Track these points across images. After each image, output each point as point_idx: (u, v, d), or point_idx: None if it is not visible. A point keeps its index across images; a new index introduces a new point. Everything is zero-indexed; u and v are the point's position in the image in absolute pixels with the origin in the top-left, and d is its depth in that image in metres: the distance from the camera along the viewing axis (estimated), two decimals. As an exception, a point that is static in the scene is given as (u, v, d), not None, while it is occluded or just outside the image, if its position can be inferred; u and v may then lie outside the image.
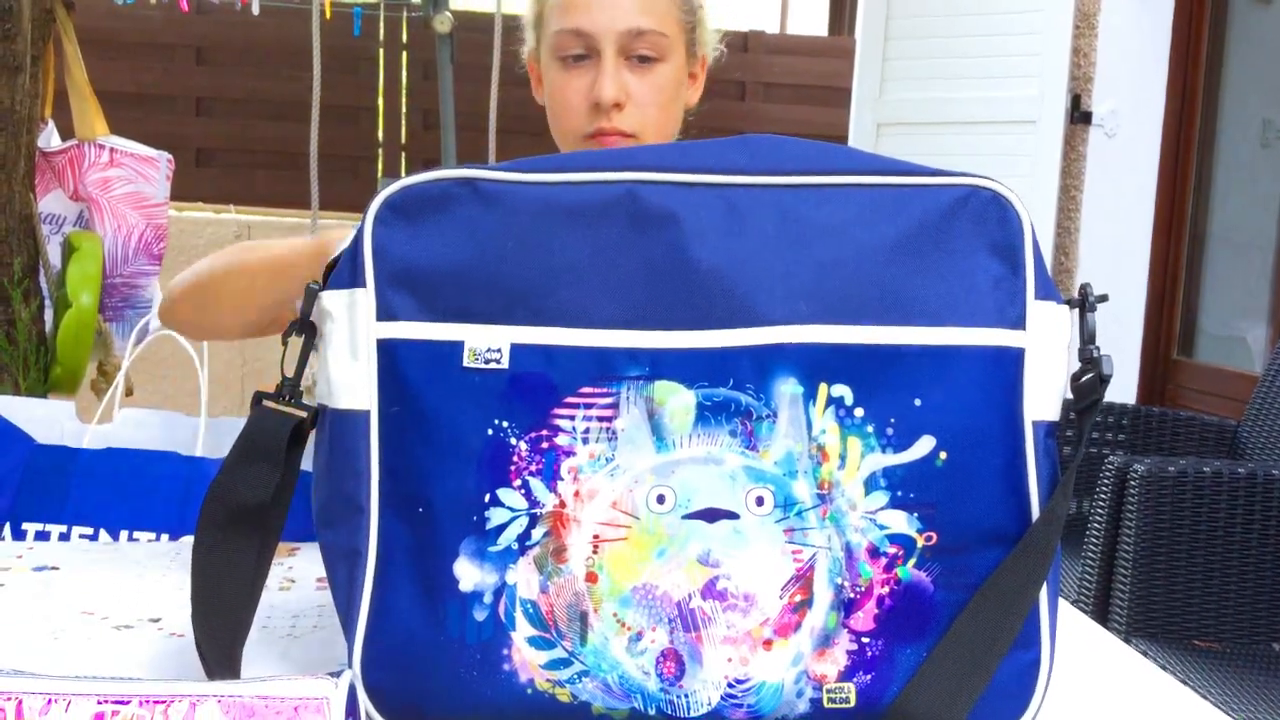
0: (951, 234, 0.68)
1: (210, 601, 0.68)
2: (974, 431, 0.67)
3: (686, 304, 0.66)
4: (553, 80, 1.14)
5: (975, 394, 0.67)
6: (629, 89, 1.11)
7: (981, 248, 0.68)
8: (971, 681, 0.65)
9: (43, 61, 1.94)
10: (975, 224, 0.68)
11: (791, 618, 0.66)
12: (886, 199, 0.69)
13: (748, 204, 0.68)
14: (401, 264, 0.68)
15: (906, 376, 0.66)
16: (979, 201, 0.69)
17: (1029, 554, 0.66)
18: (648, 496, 0.66)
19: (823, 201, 0.68)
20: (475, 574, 0.66)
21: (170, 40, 5.40)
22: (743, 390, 0.66)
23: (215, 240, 4.21)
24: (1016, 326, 0.68)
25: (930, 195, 0.69)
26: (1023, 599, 0.66)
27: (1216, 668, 1.90)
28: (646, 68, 1.12)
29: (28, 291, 1.88)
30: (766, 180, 0.69)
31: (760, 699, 0.66)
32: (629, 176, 0.68)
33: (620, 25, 1.10)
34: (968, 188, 0.69)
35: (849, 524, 0.66)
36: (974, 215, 0.68)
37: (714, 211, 0.68)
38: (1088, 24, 3.57)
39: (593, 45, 1.10)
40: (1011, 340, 0.68)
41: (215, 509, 0.69)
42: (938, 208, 0.68)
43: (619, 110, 1.10)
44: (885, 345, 0.66)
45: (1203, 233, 3.60)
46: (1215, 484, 2.02)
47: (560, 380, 0.66)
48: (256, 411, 0.71)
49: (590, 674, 0.65)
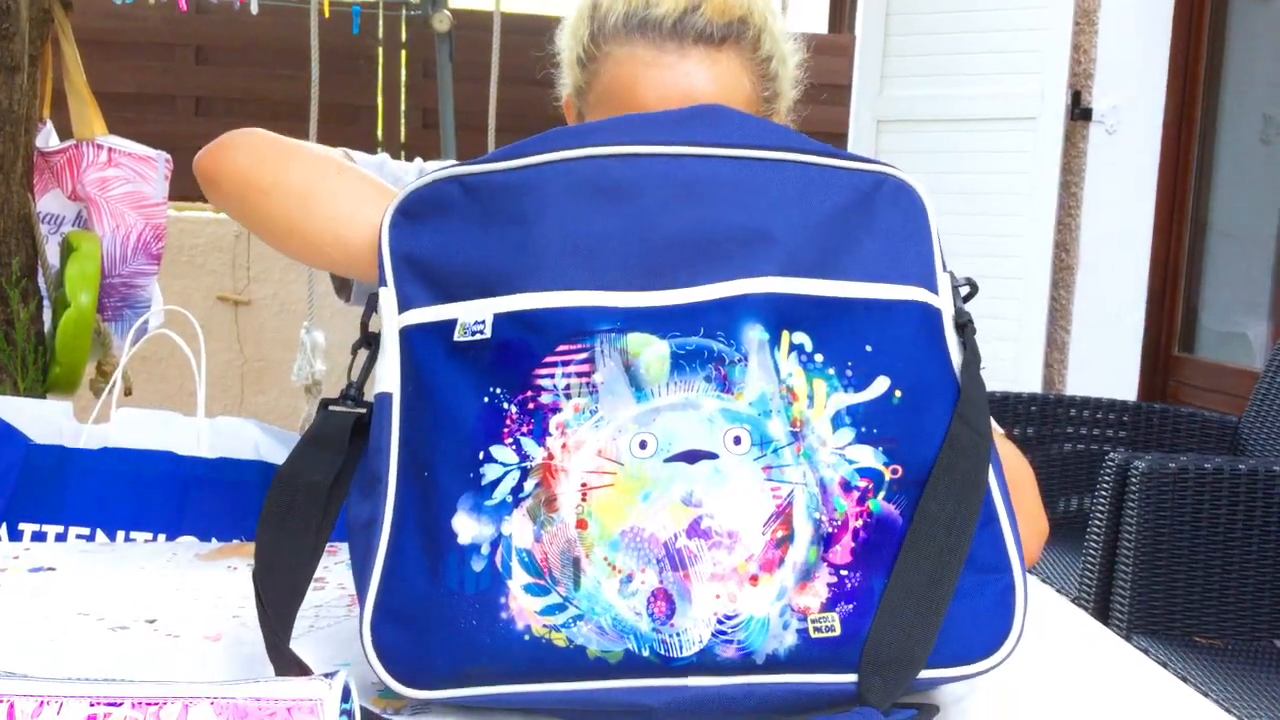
0: (874, 209, 0.75)
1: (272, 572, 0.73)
2: (918, 374, 0.73)
3: (652, 266, 0.71)
4: None
5: (914, 341, 0.73)
6: None
7: (897, 222, 0.75)
8: (926, 610, 0.69)
9: (41, 61, 1.94)
10: (891, 204, 0.76)
11: (775, 553, 0.69)
12: (820, 177, 0.75)
13: (704, 173, 0.74)
14: (410, 259, 0.75)
15: (855, 325, 0.72)
16: (890, 186, 0.76)
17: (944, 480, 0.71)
18: (631, 443, 0.69)
19: (772, 172, 0.74)
20: (473, 527, 0.69)
21: (169, 40, 5.39)
22: (714, 338, 0.70)
23: (214, 240, 4.21)
24: (932, 290, 0.75)
25: (857, 176, 0.76)
26: (956, 524, 0.70)
27: (1218, 664, 1.89)
28: None
29: (26, 291, 1.88)
30: (719, 151, 0.74)
31: (750, 634, 0.68)
32: (592, 152, 0.74)
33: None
34: (879, 174, 0.76)
35: (821, 460, 0.70)
36: (888, 197, 0.76)
37: (673, 182, 0.73)
38: (1088, 20, 3.57)
39: None
40: (933, 300, 0.75)
41: (280, 489, 0.74)
42: (860, 187, 0.75)
43: None
44: (833, 297, 0.72)
45: (1203, 229, 3.60)
46: (1216, 480, 2.02)
47: (537, 342, 0.70)
48: (321, 414, 0.77)
49: (584, 618, 0.68)
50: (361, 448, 0.75)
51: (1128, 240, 3.58)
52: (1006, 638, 0.71)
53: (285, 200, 0.90)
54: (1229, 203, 3.56)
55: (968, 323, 0.76)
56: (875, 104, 3.91)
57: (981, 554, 0.72)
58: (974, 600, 0.71)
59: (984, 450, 0.73)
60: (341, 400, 0.77)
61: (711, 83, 0.99)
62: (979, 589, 0.71)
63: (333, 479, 0.75)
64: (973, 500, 0.71)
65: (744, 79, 1.01)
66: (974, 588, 0.71)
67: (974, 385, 0.74)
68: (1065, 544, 2.51)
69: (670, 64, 0.98)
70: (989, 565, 0.72)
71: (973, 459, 0.72)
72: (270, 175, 0.92)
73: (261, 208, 0.92)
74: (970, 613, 0.71)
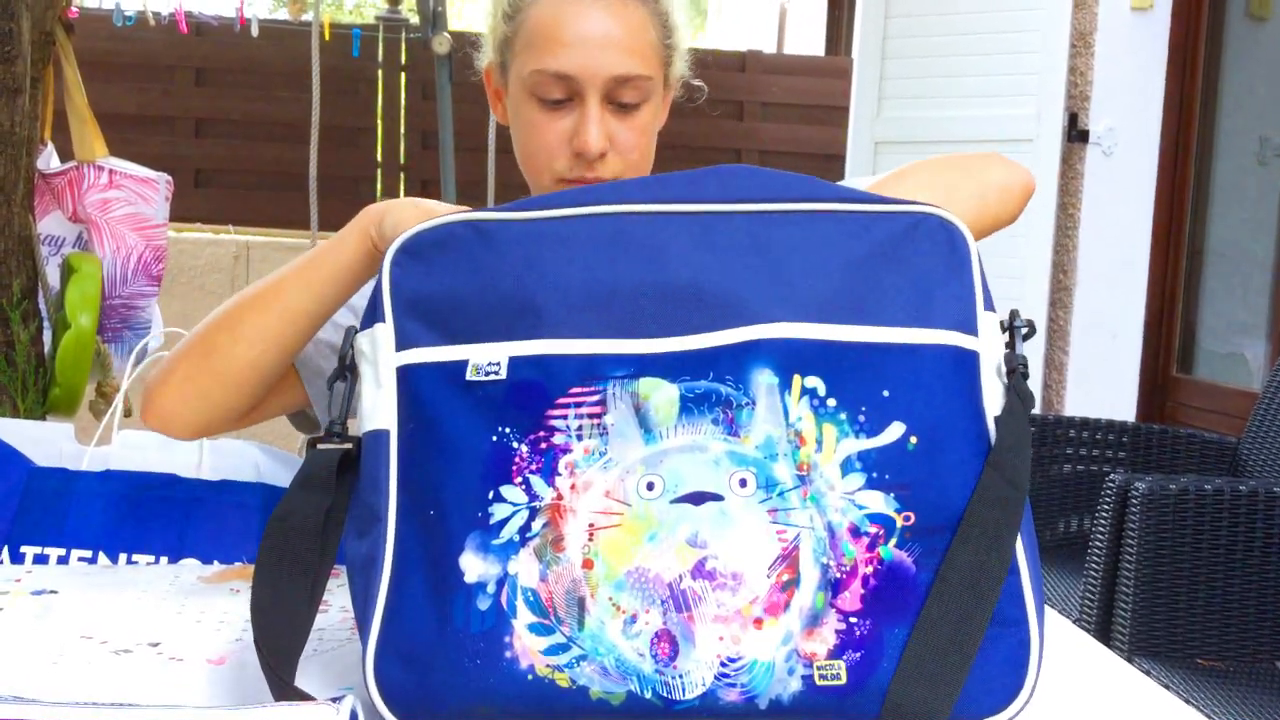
0: (908, 251, 0.75)
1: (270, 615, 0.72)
2: (940, 420, 0.71)
3: (666, 315, 0.72)
4: (529, 119, 1.09)
5: (939, 387, 0.72)
6: (613, 137, 1.07)
7: (936, 263, 0.75)
8: (951, 664, 0.68)
9: (42, 83, 1.95)
10: (929, 244, 0.75)
11: (780, 596, 0.68)
12: (848, 222, 0.76)
13: (720, 225, 0.75)
14: (415, 297, 0.75)
15: (874, 370, 0.71)
16: (930, 225, 0.76)
17: (974, 532, 0.70)
18: (638, 485, 0.70)
19: (790, 223, 0.75)
20: (479, 566, 0.69)
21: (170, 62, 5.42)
22: (722, 382, 0.71)
23: (214, 261, 4.22)
24: (970, 332, 0.74)
25: (888, 219, 0.76)
26: (984, 577, 0.69)
27: (1220, 686, 1.89)
28: (628, 113, 1.08)
29: (26, 313, 1.88)
30: (738, 207, 0.76)
31: (753, 678, 0.68)
32: (612, 209, 0.76)
33: (607, 72, 1.05)
34: (919, 214, 0.76)
35: (829, 504, 0.70)
36: (927, 236, 0.75)
37: (689, 233, 0.75)
38: (1084, 43, 3.59)
39: (575, 89, 1.06)
40: (967, 343, 0.73)
41: (274, 530, 0.74)
42: (896, 230, 0.75)
43: (602, 160, 1.07)
44: (853, 342, 0.71)
45: (1201, 250, 3.61)
46: (1217, 502, 2.02)
47: (552, 384, 0.71)
48: (309, 454, 0.77)
49: (588, 658, 0.68)
50: (351, 483, 0.75)
51: (1125, 261, 3.59)
52: (1019, 693, 0.70)
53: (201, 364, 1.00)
54: (1226, 224, 3.58)
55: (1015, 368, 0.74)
56: (873, 126, 3.92)
57: (1000, 606, 0.70)
58: (989, 653, 0.69)
59: (1016, 503, 0.71)
60: (328, 437, 0.77)
61: (624, 25, 1.07)
62: (994, 641, 0.70)
63: (324, 517, 0.75)
64: (1001, 553, 0.70)
65: (649, 28, 1.09)
66: (990, 640, 0.70)
67: (1012, 433, 0.72)
68: (1066, 566, 2.51)
69: (590, 4, 1.06)
70: (1007, 618, 0.70)
71: (1002, 511, 0.70)
72: (176, 363, 1.01)
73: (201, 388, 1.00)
74: (984, 666, 0.69)
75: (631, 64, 1.06)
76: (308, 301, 0.98)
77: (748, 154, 5.72)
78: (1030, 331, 0.75)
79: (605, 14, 1.06)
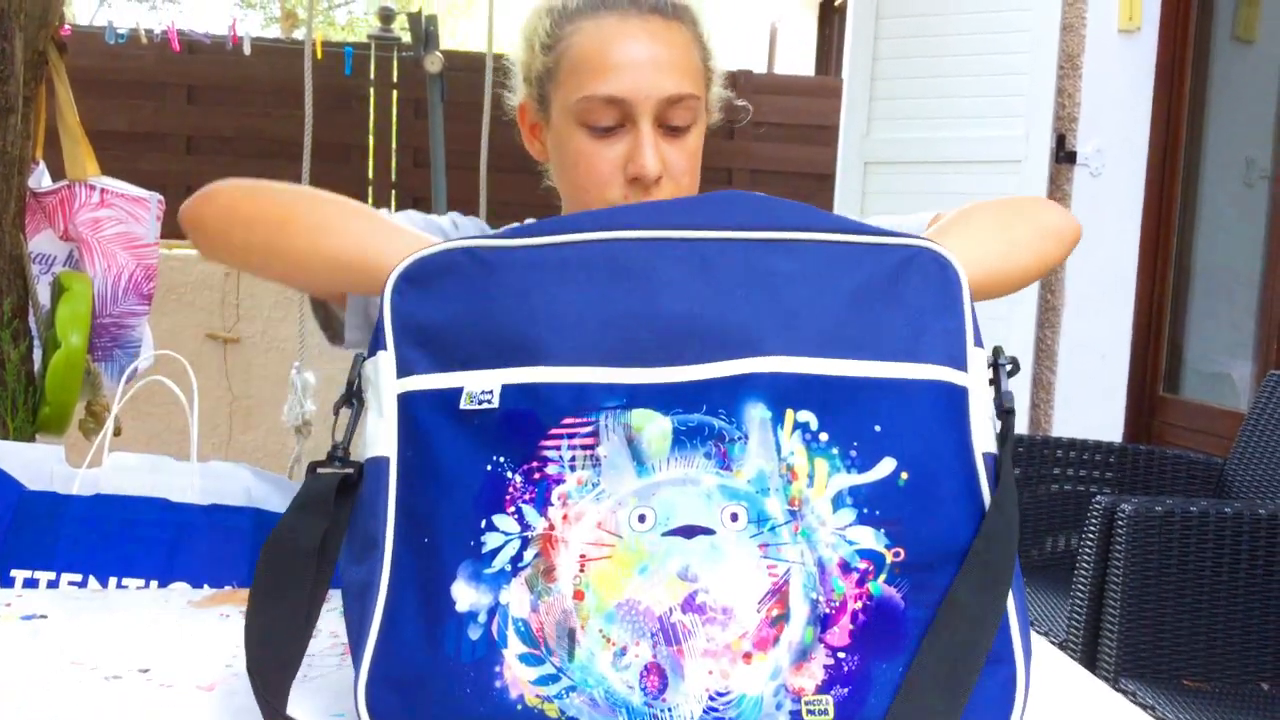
0: (902, 286, 0.75)
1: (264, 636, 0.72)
2: (930, 456, 0.71)
3: (660, 345, 0.72)
4: (578, 149, 1.06)
5: (929, 422, 0.72)
6: (665, 161, 1.05)
7: (929, 298, 0.75)
8: (954, 697, 0.68)
9: (35, 102, 1.95)
10: (922, 278, 0.75)
11: (769, 631, 0.68)
12: (843, 254, 0.75)
13: (716, 254, 0.75)
14: (415, 325, 0.75)
15: (866, 405, 0.71)
16: (923, 260, 0.76)
17: (976, 570, 0.70)
18: (630, 517, 0.70)
19: (786, 254, 0.75)
20: (471, 595, 0.70)
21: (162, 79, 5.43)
22: (715, 415, 0.71)
23: (204, 278, 4.22)
24: (960, 368, 0.74)
25: (882, 253, 0.76)
26: (985, 614, 0.69)
27: (1205, 707, 1.90)
28: (678, 136, 1.06)
29: (17, 332, 1.88)
30: (734, 235, 0.76)
31: (741, 712, 0.68)
32: (608, 236, 0.76)
33: (659, 93, 1.03)
34: (914, 248, 0.76)
35: (820, 539, 0.70)
36: (920, 270, 0.75)
37: (685, 262, 0.74)
38: (1072, 65, 3.61)
39: (627, 113, 1.04)
40: (957, 379, 0.73)
41: (271, 551, 0.74)
42: (889, 264, 0.75)
43: (658, 184, 1.05)
44: (846, 377, 0.71)
45: (1188, 271, 3.63)
46: (1203, 523, 2.03)
47: (544, 414, 0.71)
48: (309, 477, 0.77)
49: (577, 689, 0.68)
50: (348, 508, 0.76)
51: (1113, 282, 3.60)
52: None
53: (266, 227, 0.95)
54: (1213, 244, 3.60)
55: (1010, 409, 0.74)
56: (862, 146, 3.94)
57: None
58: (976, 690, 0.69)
59: (1013, 539, 0.71)
60: (329, 462, 0.77)
61: (670, 47, 1.06)
62: (982, 679, 0.69)
63: (320, 541, 0.75)
64: (1001, 589, 0.70)
65: (692, 51, 1.08)
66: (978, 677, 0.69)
67: (1008, 471, 0.72)
68: (1052, 586, 2.51)
69: (636, 28, 1.05)
70: (994, 655, 0.70)
71: (1003, 547, 0.71)
72: (249, 208, 0.97)
73: (244, 240, 0.96)
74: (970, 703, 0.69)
75: (682, 84, 1.05)
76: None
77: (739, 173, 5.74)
78: (1014, 369, 0.76)
79: (651, 36, 1.05)
